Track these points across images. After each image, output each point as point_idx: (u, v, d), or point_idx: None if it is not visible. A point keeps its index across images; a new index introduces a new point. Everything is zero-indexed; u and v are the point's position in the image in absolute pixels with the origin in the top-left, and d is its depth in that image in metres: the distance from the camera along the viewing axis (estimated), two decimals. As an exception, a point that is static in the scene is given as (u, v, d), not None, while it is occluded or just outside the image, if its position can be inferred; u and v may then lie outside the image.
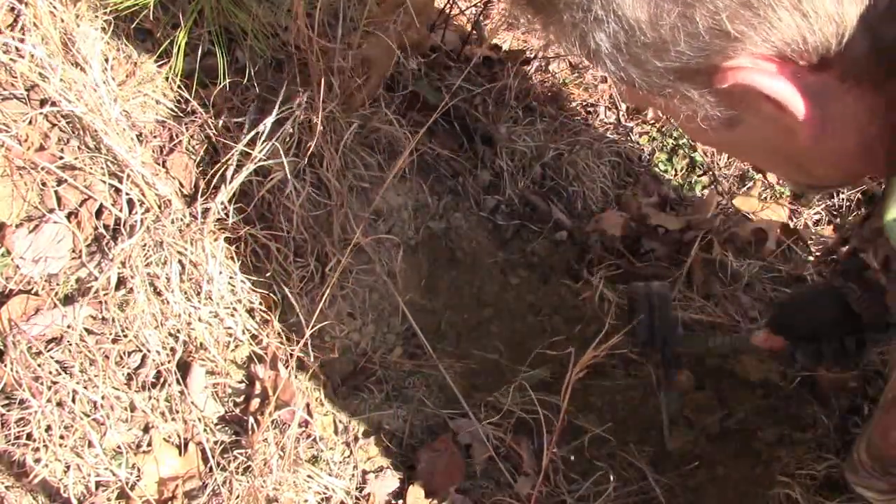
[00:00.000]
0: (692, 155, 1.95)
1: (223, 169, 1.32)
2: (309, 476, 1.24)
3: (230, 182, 1.30)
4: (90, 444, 1.15)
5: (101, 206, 1.27)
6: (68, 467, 1.14)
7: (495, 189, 1.68)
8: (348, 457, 1.31)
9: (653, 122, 1.98)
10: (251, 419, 1.26)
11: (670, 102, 0.63)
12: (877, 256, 0.85)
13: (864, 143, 0.62)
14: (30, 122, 1.23)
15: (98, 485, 1.16)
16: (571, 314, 1.61)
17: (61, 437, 1.14)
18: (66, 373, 1.17)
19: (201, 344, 1.27)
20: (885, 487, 0.97)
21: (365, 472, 1.30)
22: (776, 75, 0.56)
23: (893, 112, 0.59)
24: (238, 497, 1.17)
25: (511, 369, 1.49)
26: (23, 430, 1.13)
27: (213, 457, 1.20)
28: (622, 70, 0.60)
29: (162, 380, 1.24)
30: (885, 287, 0.98)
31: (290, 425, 1.23)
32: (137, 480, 1.17)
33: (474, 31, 1.79)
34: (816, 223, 1.91)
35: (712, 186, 1.93)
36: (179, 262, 1.27)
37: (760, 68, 0.56)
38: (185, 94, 1.38)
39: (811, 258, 1.72)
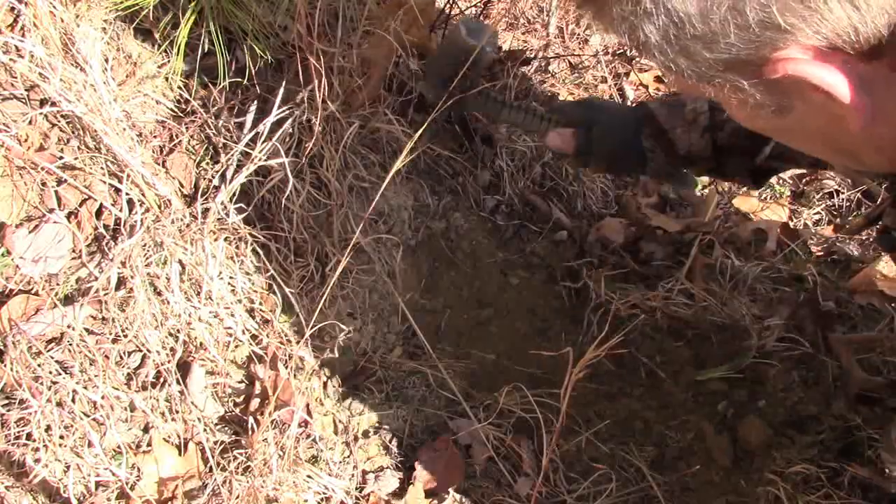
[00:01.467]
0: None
1: (223, 169, 1.32)
2: (309, 476, 1.24)
3: (230, 182, 1.30)
4: (90, 444, 1.15)
5: (101, 206, 1.27)
6: (68, 467, 1.14)
7: (495, 189, 1.68)
8: (348, 457, 1.31)
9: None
10: (251, 419, 1.26)
11: (720, 92, 0.63)
12: None
13: None
14: (30, 122, 1.23)
15: (98, 485, 1.16)
16: (571, 314, 1.61)
17: (61, 437, 1.14)
18: (66, 373, 1.17)
19: (201, 344, 1.27)
20: None
21: (365, 472, 1.30)
22: (826, 66, 0.57)
23: None
24: (238, 497, 1.17)
25: (511, 369, 1.49)
26: (23, 430, 1.13)
27: (213, 457, 1.20)
28: (671, 61, 0.60)
29: (162, 380, 1.24)
30: None
31: (289, 425, 1.23)
32: (137, 480, 1.17)
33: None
34: (816, 223, 1.91)
35: (712, 186, 1.93)
36: (179, 262, 1.27)
37: (810, 59, 0.56)
38: (185, 94, 1.38)
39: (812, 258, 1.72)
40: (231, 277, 1.32)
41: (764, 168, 1.24)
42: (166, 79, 1.38)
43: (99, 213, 1.27)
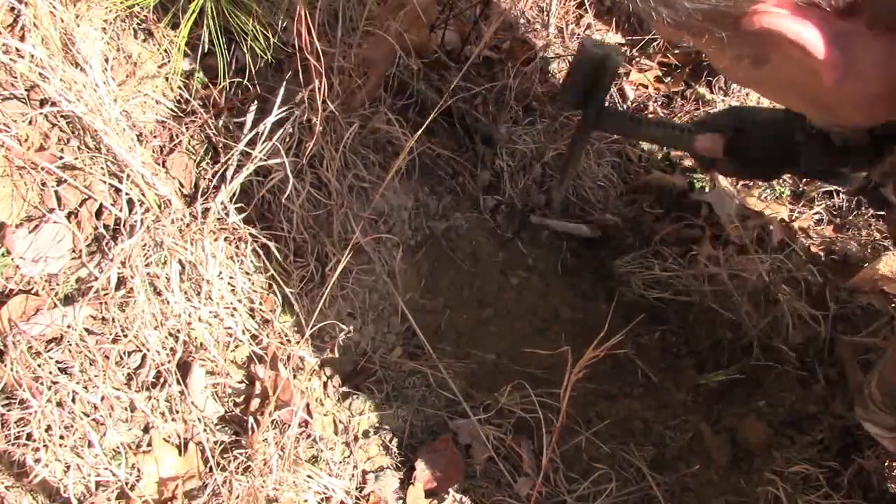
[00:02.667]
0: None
1: (223, 169, 1.32)
2: (309, 476, 1.24)
3: (230, 182, 1.30)
4: (90, 444, 1.15)
5: (101, 206, 1.27)
6: (68, 467, 1.14)
7: (495, 189, 1.68)
8: (348, 457, 1.31)
9: (653, 121, 1.98)
10: (251, 419, 1.26)
11: (699, 41, 0.65)
12: (895, 192, 0.87)
13: (890, 87, 0.64)
14: (30, 122, 1.23)
15: (98, 485, 1.16)
16: (571, 314, 1.61)
17: (61, 437, 1.14)
18: (66, 373, 1.17)
19: (201, 344, 1.27)
20: (892, 423, 0.98)
21: (365, 472, 1.30)
22: (802, 21, 0.58)
23: None
24: (238, 497, 1.17)
25: (511, 369, 1.49)
26: (23, 430, 1.13)
27: (213, 457, 1.20)
28: (653, 9, 0.62)
29: (162, 380, 1.24)
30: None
31: (289, 425, 1.23)
32: (137, 480, 1.17)
33: (474, 31, 1.79)
34: (817, 223, 1.91)
35: (712, 185, 1.93)
36: (179, 262, 1.27)
37: (788, 14, 0.58)
38: (185, 94, 1.38)
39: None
40: (231, 277, 1.32)
41: None
42: (166, 79, 1.38)
43: (99, 213, 1.27)
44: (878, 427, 1.03)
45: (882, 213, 0.98)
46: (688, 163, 1.91)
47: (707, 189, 1.83)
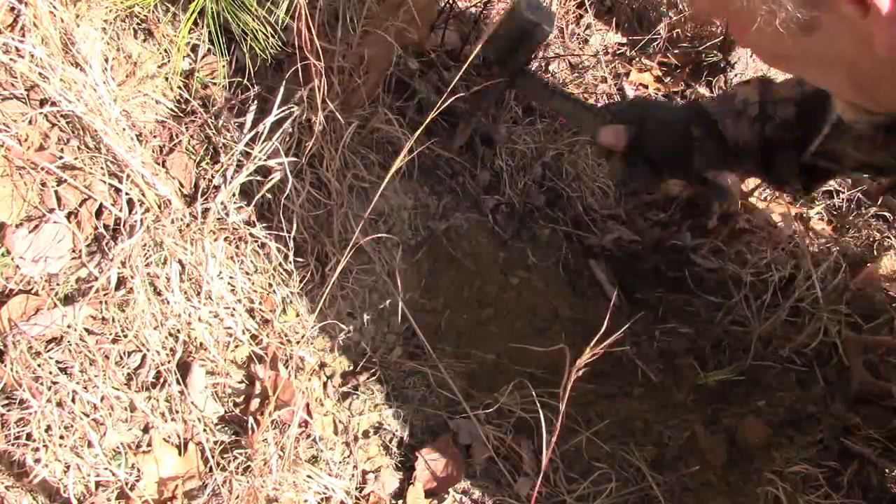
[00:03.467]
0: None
1: (223, 169, 1.32)
2: (309, 476, 1.24)
3: (230, 182, 1.30)
4: (90, 444, 1.15)
5: (101, 206, 1.27)
6: (68, 467, 1.14)
7: (495, 189, 1.68)
8: (348, 457, 1.31)
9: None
10: (251, 419, 1.26)
11: (752, 2, 0.63)
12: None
13: None
14: (30, 122, 1.23)
15: (98, 485, 1.16)
16: (571, 314, 1.61)
17: (61, 437, 1.14)
18: (65, 373, 1.17)
19: (201, 344, 1.27)
20: None
21: (365, 472, 1.30)
22: None
23: None
24: (238, 497, 1.17)
25: (511, 369, 1.49)
26: (23, 430, 1.13)
27: (213, 457, 1.20)
28: None
29: (162, 380, 1.24)
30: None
31: (289, 425, 1.23)
32: (137, 480, 1.17)
33: (474, 32, 1.79)
34: (817, 222, 1.91)
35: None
36: (179, 262, 1.27)
37: None
38: (185, 94, 1.38)
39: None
40: (231, 277, 1.32)
41: (813, 169, 1.17)
42: (166, 79, 1.38)
43: (99, 213, 1.27)
44: None
45: None
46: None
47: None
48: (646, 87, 2.04)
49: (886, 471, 1.33)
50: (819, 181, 1.22)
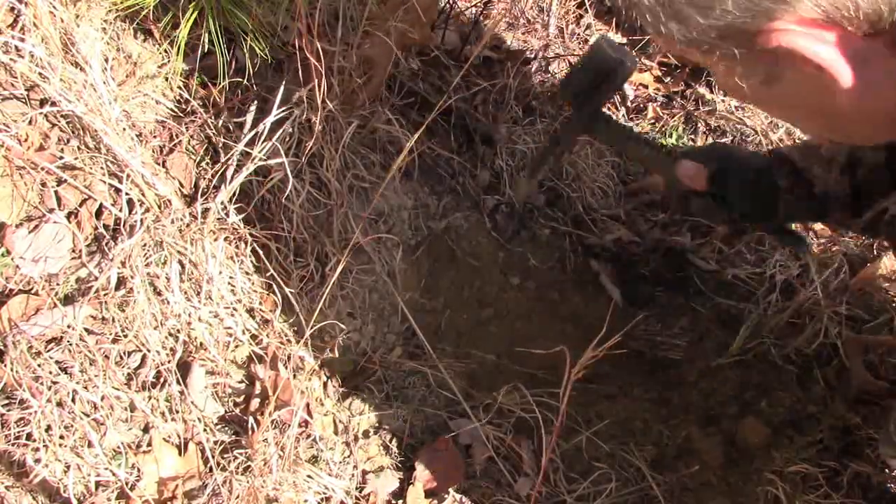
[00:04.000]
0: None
1: (223, 169, 1.32)
2: (309, 476, 1.24)
3: (230, 182, 1.30)
4: (90, 444, 1.15)
5: (101, 206, 1.27)
6: (68, 467, 1.14)
7: (495, 189, 1.68)
8: (348, 457, 1.31)
9: (653, 121, 1.98)
10: (251, 419, 1.26)
11: (709, 58, 0.63)
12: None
13: None
14: (30, 122, 1.23)
15: (98, 485, 1.16)
16: (571, 314, 1.61)
17: (61, 437, 1.14)
18: (66, 373, 1.17)
19: (201, 344, 1.27)
20: None
21: (365, 472, 1.30)
22: (822, 40, 0.56)
23: None
24: (238, 497, 1.17)
25: (511, 369, 1.49)
26: (23, 430, 1.13)
27: (213, 457, 1.20)
28: (662, 24, 0.60)
29: (162, 380, 1.24)
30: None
31: (290, 425, 1.23)
32: (137, 480, 1.17)
33: (474, 31, 1.79)
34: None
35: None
36: (179, 262, 1.27)
37: (806, 32, 0.56)
38: (185, 94, 1.38)
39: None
40: (231, 277, 1.32)
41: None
42: (166, 79, 1.38)
43: (99, 213, 1.27)
44: None
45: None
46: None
47: None
48: (646, 86, 2.04)
49: (887, 470, 1.33)
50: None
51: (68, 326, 1.18)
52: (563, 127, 1.33)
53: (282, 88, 1.26)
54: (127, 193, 1.27)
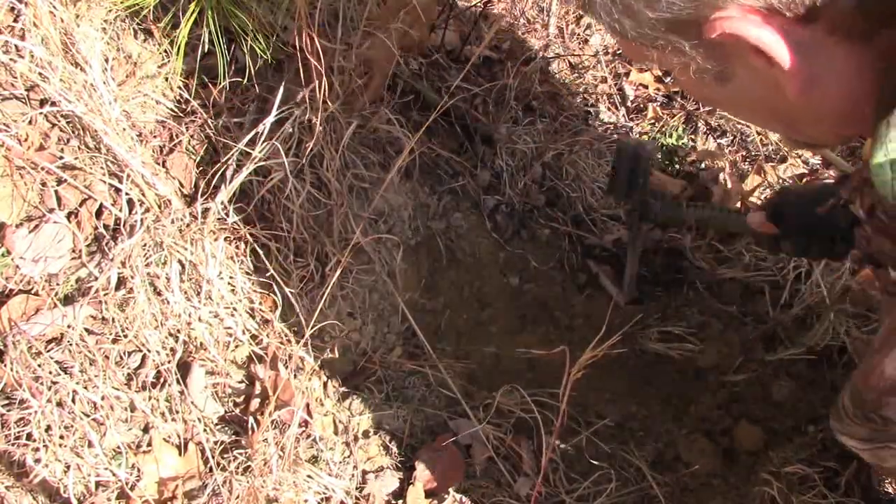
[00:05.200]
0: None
1: (223, 169, 1.32)
2: (309, 476, 1.24)
3: (230, 182, 1.30)
4: (90, 444, 1.15)
5: (101, 206, 1.27)
6: (68, 467, 1.14)
7: (495, 189, 1.68)
8: (348, 457, 1.31)
9: (653, 121, 1.98)
10: (251, 419, 1.26)
11: (663, 55, 0.64)
12: (863, 205, 0.86)
13: (851, 98, 0.63)
14: (30, 122, 1.23)
15: (98, 485, 1.16)
16: (571, 313, 1.61)
17: (61, 437, 1.14)
18: (66, 373, 1.17)
19: (201, 344, 1.27)
20: (865, 434, 0.98)
21: (365, 472, 1.30)
22: (763, 25, 0.57)
23: (882, 63, 0.60)
24: (238, 497, 1.17)
25: (511, 369, 1.49)
26: (23, 430, 1.13)
27: (213, 457, 1.20)
28: (616, 21, 0.62)
29: (162, 380, 1.24)
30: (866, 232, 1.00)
31: (290, 425, 1.23)
32: (137, 480, 1.17)
33: (474, 32, 1.79)
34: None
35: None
36: (179, 262, 1.27)
37: (748, 19, 0.57)
38: (185, 94, 1.38)
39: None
40: (231, 277, 1.32)
41: None
42: (166, 79, 1.38)
43: (99, 213, 1.27)
44: (853, 440, 1.02)
45: (853, 227, 0.96)
46: (689, 166, 1.92)
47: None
48: (646, 87, 2.04)
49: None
50: None
51: (68, 326, 1.18)
52: (629, 225, 1.51)
53: (282, 88, 1.26)
54: (127, 193, 1.27)
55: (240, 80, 1.37)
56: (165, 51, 1.38)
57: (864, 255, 0.97)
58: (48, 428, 1.14)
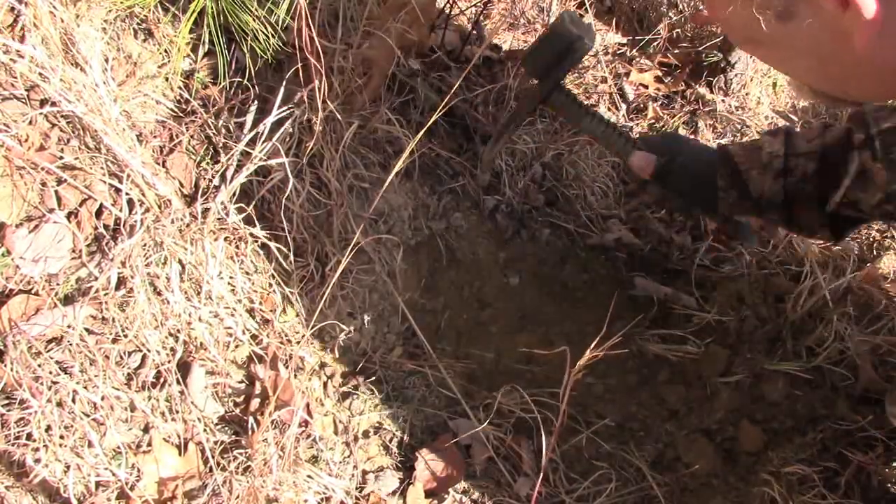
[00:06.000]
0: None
1: (223, 169, 1.32)
2: (309, 476, 1.24)
3: (230, 182, 1.30)
4: (90, 444, 1.15)
5: (101, 206, 1.27)
6: (68, 467, 1.14)
7: (495, 189, 1.68)
8: (348, 457, 1.31)
9: (653, 121, 1.98)
10: (251, 419, 1.26)
11: None
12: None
13: None
14: (30, 122, 1.23)
15: (98, 485, 1.16)
16: (572, 313, 1.61)
17: (61, 437, 1.14)
18: (66, 373, 1.17)
19: (201, 344, 1.27)
20: None
21: (365, 472, 1.30)
22: None
23: None
24: (238, 497, 1.17)
25: (511, 369, 1.49)
26: (23, 430, 1.13)
27: (213, 457, 1.20)
28: None
29: (162, 380, 1.24)
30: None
31: (290, 425, 1.23)
32: (137, 480, 1.17)
33: (474, 31, 1.79)
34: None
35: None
36: (179, 262, 1.27)
37: None
38: (185, 94, 1.38)
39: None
40: (231, 277, 1.32)
41: (839, 217, 1.16)
42: (166, 79, 1.38)
43: (99, 213, 1.27)
44: None
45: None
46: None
47: None
48: (646, 86, 2.04)
49: (887, 470, 1.33)
50: (847, 229, 1.21)
51: (68, 326, 1.18)
52: (525, 95, 1.37)
53: (282, 88, 1.26)
54: (127, 193, 1.27)
55: (240, 80, 1.37)
56: (165, 51, 1.38)
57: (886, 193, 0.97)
58: (48, 428, 1.14)
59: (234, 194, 1.31)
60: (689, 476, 1.38)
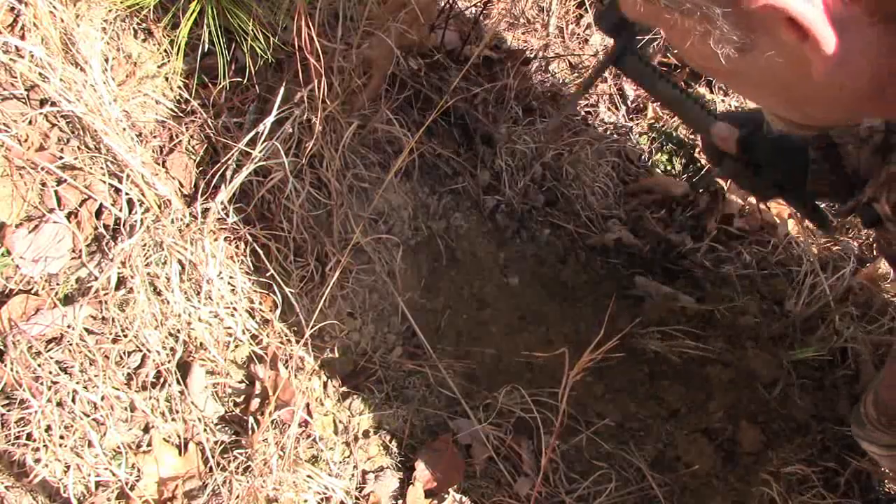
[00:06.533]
0: (692, 154, 1.96)
1: (223, 169, 1.32)
2: (309, 476, 1.24)
3: (230, 182, 1.30)
4: (90, 444, 1.15)
5: (101, 206, 1.27)
6: (68, 467, 1.14)
7: (495, 189, 1.68)
8: (348, 457, 1.31)
9: (653, 121, 1.98)
10: (251, 419, 1.26)
11: (686, 20, 0.62)
12: (889, 203, 0.85)
13: (877, 80, 0.62)
14: (30, 122, 1.23)
15: (98, 485, 1.16)
16: (572, 313, 1.61)
17: (61, 437, 1.14)
18: (66, 373, 1.17)
19: (201, 344, 1.27)
20: (888, 441, 0.97)
21: (365, 472, 1.30)
22: (809, 0, 0.56)
23: None
24: (238, 497, 1.17)
25: (511, 369, 1.49)
26: (23, 430, 1.13)
27: (213, 457, 1.20)
28: None
29: (162, 380, 1.24)
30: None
31: (290, 425, 1.23)
32: (137, 480, 1.17)
33: (474, 31, 1.79)
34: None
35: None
36: (179, 262, 1.27)
37: None
38: (185, 94, 1.38)
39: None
40: (231, 277, 1.32)
41: None
42: (166, 79, 1.38)
43: (99, 213, 1.27)
44: (874, 445, 1.02)
45: (873, 228, 0.94)
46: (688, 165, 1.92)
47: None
48: (646, 86, 2.03)
49: (886, 471, 1.33)
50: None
51: (68, 326, 1.18)
52: (606, 55, 1.32)
53: (282, 88, 1.26)
54: (127, 193, 1.27)
55: (240, 80, 1.37)
56: (165, 51, 1.38)
57: (886, 256, 0.95)
58: (48, 428, 1.14)
59: (233, 194, 1.31)
60: (689, 476, 1.38)
